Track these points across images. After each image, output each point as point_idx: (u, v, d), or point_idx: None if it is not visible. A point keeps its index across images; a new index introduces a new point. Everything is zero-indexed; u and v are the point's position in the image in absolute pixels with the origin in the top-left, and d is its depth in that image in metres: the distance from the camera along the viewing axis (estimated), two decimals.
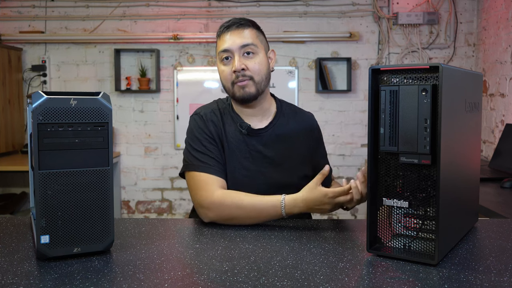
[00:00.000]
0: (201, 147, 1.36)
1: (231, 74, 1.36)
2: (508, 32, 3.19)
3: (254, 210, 1.22)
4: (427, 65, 0.89)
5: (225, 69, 1.37)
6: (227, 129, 1.41)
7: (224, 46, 1.36)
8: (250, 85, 1.35)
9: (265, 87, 1.41)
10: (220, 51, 1.37)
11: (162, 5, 3.90)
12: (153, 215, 4.03)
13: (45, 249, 0.91)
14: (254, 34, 1.38)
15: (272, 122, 1.44)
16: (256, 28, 1.41)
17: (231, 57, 1.36)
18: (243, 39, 1.35)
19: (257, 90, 1.37)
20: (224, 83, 1.40)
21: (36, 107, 0.88)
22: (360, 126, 3.93)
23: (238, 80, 1.35)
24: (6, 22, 3.92)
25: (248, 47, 1.35)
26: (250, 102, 1.39)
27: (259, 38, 1.40)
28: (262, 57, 1.38)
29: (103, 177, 0.94)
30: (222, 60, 1.38)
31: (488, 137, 3.49)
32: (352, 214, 3.99)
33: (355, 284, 0.82)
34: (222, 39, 1.37)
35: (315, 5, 3.86)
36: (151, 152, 3.99)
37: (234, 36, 1.35)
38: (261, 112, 1.44)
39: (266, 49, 1.43)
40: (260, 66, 1.36)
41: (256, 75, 1.36)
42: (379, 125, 0.94)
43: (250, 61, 1.35)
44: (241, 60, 1.34)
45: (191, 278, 0.84)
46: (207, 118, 1.41)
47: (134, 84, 3.95)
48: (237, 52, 1.35)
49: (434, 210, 0.90)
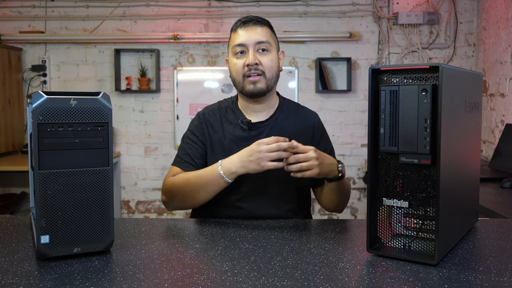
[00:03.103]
0: (185, 144, 1.46)
1: (244, 67, 1.39)
2: (508, 32, 3.19)
3: (199, 180, 1.29)
4: (427, 65, 0.89)
5: (238, 62, 1.41)
6: (227, 126, 1.45)
7: (240, 40, 1.40)
8: (261, 80, 1.39)
9: (274, 84, 1.45)
10: (235, 45, 1.41)
11: (162, 5, 3.90)
12: (153, 215, 4.03)
13: (45, 249, 0.91)
14: (269, 33, 1.43)
15: (273, 116, 1.47)
16: (270, 28, 1.46)
17: (245, 51, 1.40)
18: (259, 36, 1.40)
19: (267, 87, 1.41)
20: (235, 76, 1.43)
21: (36, 107, 0.88)
22: (360, 126, 3.93)
23: (250, 73, 1.39)
24: (6, 22, 3.92)
25: (263, 44, 1.40)
26: (259, 97, 1.43)
27: (272, 38, 1.45)
28: (274, 55, 1.43)
29: (103, 177, 0.94)
30: (236, 53, 1.42)
31: (488, 137, 3.49)
32: (352, 214, 3.99)
33: (355, 284, 0.82)
34: (237, 34, 1.41)
35: (315, 5, 3.87)
36: (151, 152, 3.99)
37: (250, 32, 1.40)
38: (266, 109, 1.48)
39: (277, 49, 1.48)
40: (272, 63, 1.41)
41: (268, 71, 1.40)
42: (379, 125, 0.94)
43: (264, 57, 1.40)
44: (255, 55, 1.39)
45: (191, 278, 0.84)
46: (205, 118, 1.47)
47: (134, 84, 3.95)
48: (252, 47, 1.39)
49: (434, 210, 0.90)
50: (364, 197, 3.95)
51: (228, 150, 1.40)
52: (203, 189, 1.29)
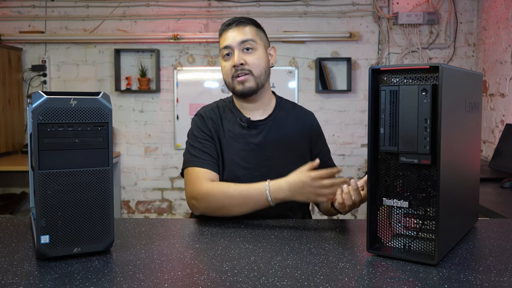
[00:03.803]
0: (197, 143, 1.42)
1: (231, 69, 1.41)
2: (508, 32, 3.19)
3: (241, 197, 1.25)
4: (427, 65, 0.89)
5: (226, 64, 1.43)
6: (226, 124, 1.46)
7: (225, 43, 1.42)
8: (249, 79, 1.40)
9: (264, 81, 1.45)
10: (222, 48, 1.44)
11: (162, 5, 3.90)
12: (153, 215, 4.03)
13: (45, 249, 0.91)
14: (254, 31, 1.44)
15: (272, 114, 1.48)
16: (255, 25, 1.46)
17: (231, 53, 1.42)
18: (243, 36, 1.41)
19: (256, 84, 1.42)
20: (225, 78, 1.45)
21: (36, 107, 0.88)
22: (360, 126, 3.93)
23: (238, 74, 1.40)
24: (6, 22, 3.92)
25: (247, 42, 1.41)
26: (250, 96, 1.44)
27: (258, 35, 1.45)
28: (261, 53, 1.43)
29: (103, 177, 0.94)
30: (223, 56, 1.44)
31: (488, 137, 3.49)
32: (352, 214, 3.99)
33: (355, 284, 0.82)
34: (223, 37, 1.44)
35: (315, 5, 3.86)
36: (151, 152, 3.99)
37: (234, 33, 1.41)
38: (262, 107, 1.48)
39: (266, 46, 1.48)
40: (259, 61, 1.42)
41: (255, 69, 1.41)
42: (379, 125, 0.94)
43: (249, 56, 1.41)
44: (241, 55, 1.40)
45: (191, 278, 0.84)
46: (206, 116, 1.47)
47: (134, 84, 3.95)
48: (237, 48, 1.40)
49: (434, 210, 0.90)
50: None
51: (227, 147, 1.42)
52: (246, 205, 1.25)
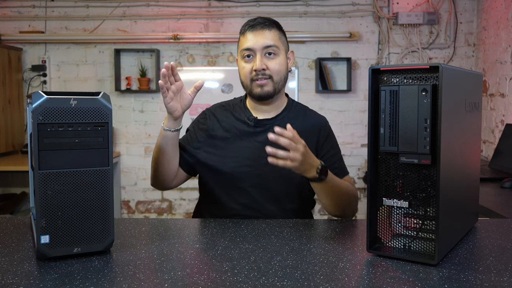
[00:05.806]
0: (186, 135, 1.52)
1: (251, 72, 1.40)
2: (508, 32, 3.19)
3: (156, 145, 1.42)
4: (427, 65, 0.89)
5: (246, 66, 1.42)
6: (234, 121, 1.47)
7: (247, 44, 1.40)
8: (268, 84, 1.40)
9: (282, 86, 1.46)
10: (243, 49, 1.42)
11: (162, 5, 3.89)
12: (153, 215, 4.03)
13: (45, 249, 0.91)
14: (277, 36, 1.43)
15: (280, 114, 1.48)
16: (279, 29, 1.45)
17: (252, 55, 1.41)
18: (266, 40, 1.39)
19: (274, 89, 1.41)
20: (243, 80, 1.44)
21: (36, 107, 0.88)
22: (360, 126, 3.93)
23: (258, 78, 1.39)
24: (6, 22, 3.92)
25: (270, 48, 1.40)
26: (267, 100, 1.44)
27: (281, 40, 1.44)
28: (282, 58, 1.43)
29: (103, 177, 0.94)
30: (244, 57, 1.43)
31: (488, 137, 3.49)
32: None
33: (355, 284, 0.82)
34: (245, 37, 1.42)
35: (315, 5, 3.86)
36: (151, 152, 3.99)
37: (257, 36, 1.40)
38: (274, 109, 1.48)
39: (286, 50, 1.47)
40: (280, 67, 1.41)
41: (275, 75, 1.40)
42: (379, 125, 0.94)
43: (271, 61, 1.40)
44: (263, 60, 1.39)
45: (191, 278, 0.84)
46: (210, 112, 1.53)
47: (134, 84, 3.95)
48: (259, 52, 1.39)
49: (434, 210, 0.90)
50: (364, 197, 3.95)
51: (231, 143, 1.43)
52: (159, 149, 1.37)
